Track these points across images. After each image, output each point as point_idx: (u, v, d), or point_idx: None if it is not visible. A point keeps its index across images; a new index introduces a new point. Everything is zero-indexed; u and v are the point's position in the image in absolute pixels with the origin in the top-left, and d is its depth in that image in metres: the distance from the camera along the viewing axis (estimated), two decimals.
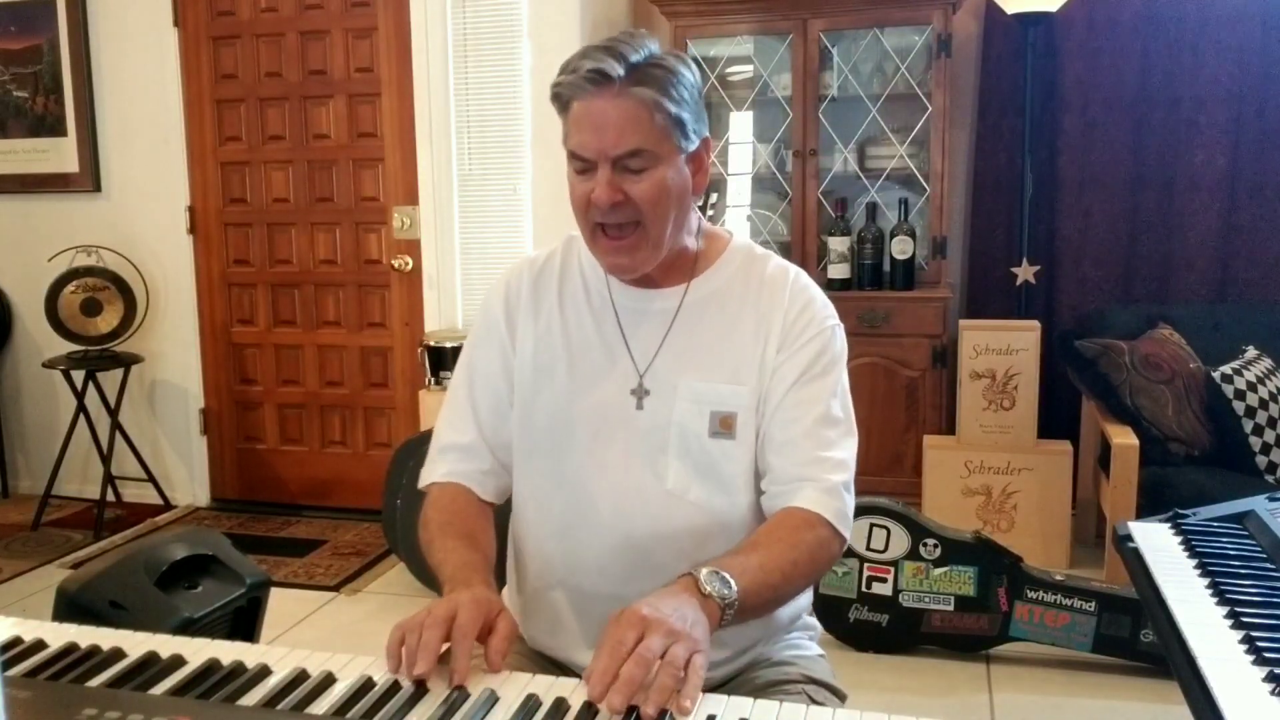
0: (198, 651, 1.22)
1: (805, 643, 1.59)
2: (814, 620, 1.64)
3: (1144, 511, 3.19)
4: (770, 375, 1.45)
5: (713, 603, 1.21)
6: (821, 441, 1.42)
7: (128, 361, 4.37)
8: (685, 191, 1.43)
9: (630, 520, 1.45)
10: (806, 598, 1.60)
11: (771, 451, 1.44)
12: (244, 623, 2.26)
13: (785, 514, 1.40)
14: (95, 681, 1.16)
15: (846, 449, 1.45)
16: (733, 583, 1.24)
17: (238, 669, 1.18)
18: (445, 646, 1.18)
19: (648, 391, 1.47)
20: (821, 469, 1.41)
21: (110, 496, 4.39)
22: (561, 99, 1.40)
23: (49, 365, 4.36)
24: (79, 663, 1.20)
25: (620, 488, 1.46)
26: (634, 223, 1.40)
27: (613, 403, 1.47)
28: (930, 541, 3.01)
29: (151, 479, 4.51)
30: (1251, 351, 3.52)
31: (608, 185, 1.37)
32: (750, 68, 4.17)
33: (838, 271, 3.98)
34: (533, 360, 1.52)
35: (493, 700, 1.13)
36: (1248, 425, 3.33)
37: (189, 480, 4.60)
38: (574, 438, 1.48)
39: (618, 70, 1.34)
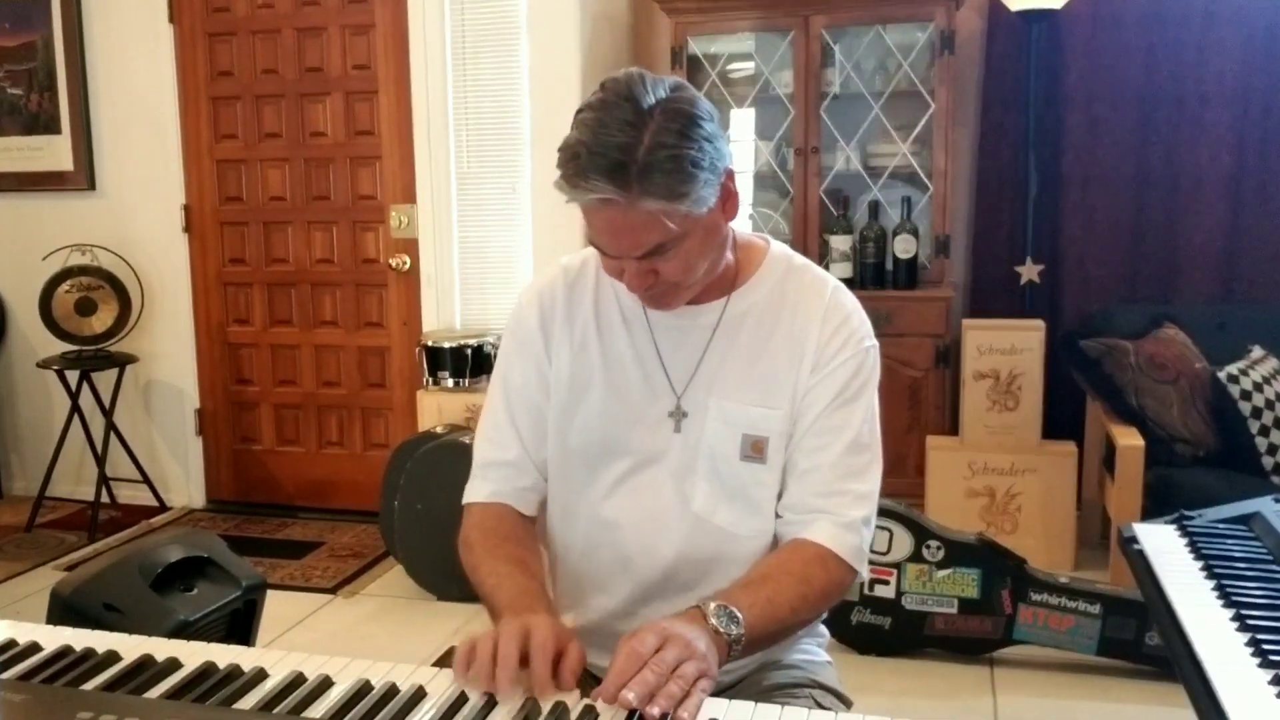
0: (193, 654, 1.21)
1: (814, 649, 1.58)
2: (823, 628, 1.63)
3: (1149, 513, 3.17)
4: (803, 398, 1.42)
5: (720, 637, 1.22)
6: (845, 472, 1.40)
7: (122, 361, 4.34)
8: (717, 234, 1.38)
9: (654, 540, 1.44)
10: None
11: (793, 478, 1.42)
12: (240, 625, 2.25)
13: (799, 545, 1.38)
14: (90, 685, 1.15)
15: (870, 480, 1.42)
16: (740, 618, 1.24)
17: (234, 672, 1.17)
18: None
19: (685, 414, 1.45)
20: (841, 502, 1.39)
21: (105, 498, 4.37)
22: None
23: (43, 365, 4.34)
24: (73, 666, 1.19)
25: (647, 507, 1.45)
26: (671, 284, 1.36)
27: (651, 425, 1.45)
28: (933, 543, 2.99)
29: (146, 480, 4.48)
30: (1257, 351, 3.51)
31: (637, 275, 1.33)
32: (751, 65, 4.16)
33: (840, 270, 3.96)
34: (569, 376, 1.49)
35: (492, 703, 1.12)
36: (1254, 426, 3.31)
37: (184, 481, 4.58)
38: (608, 458, 1.47)
39: (620, 191, 1.24)
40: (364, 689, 1.14)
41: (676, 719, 1.08)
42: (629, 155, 1.23)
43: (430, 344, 3.93)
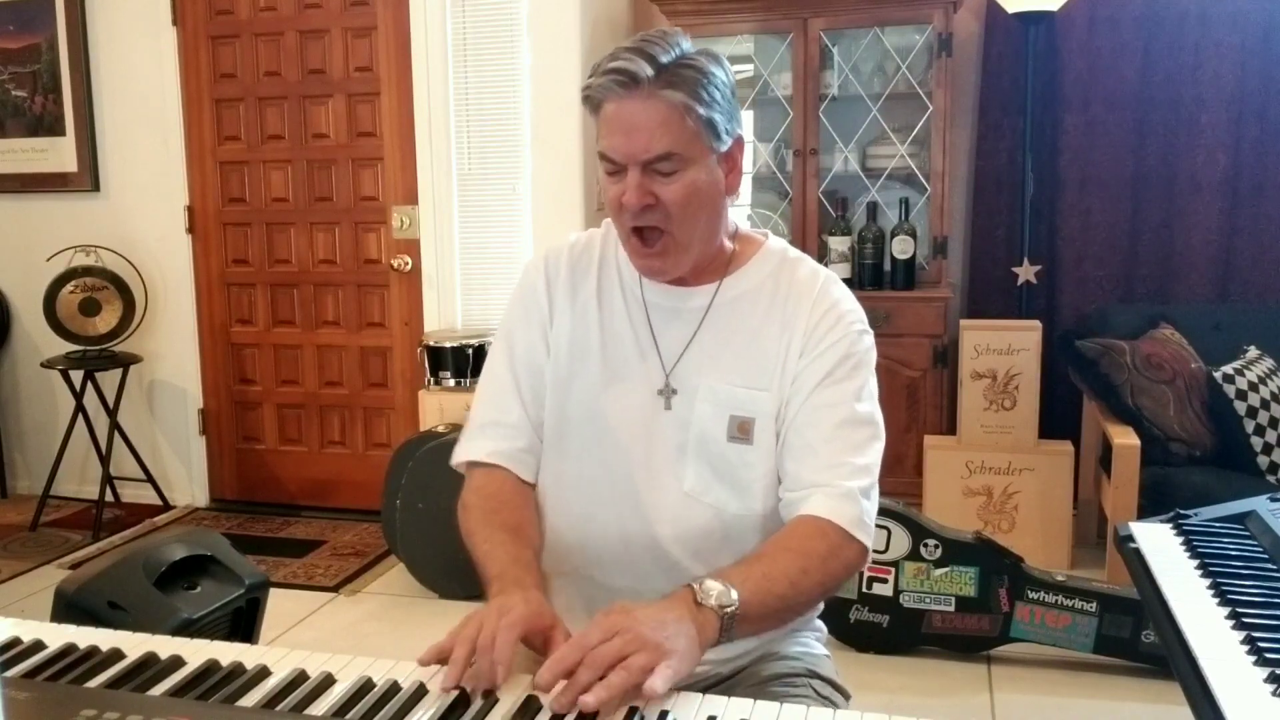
0: (197, 652, 1.21)
1: (813, 642, 1.59)
2: (820, 623, 1.64)
3: (1145, 512, 3.18)
4: (792, 382, 1.43)
5: (709, 613, 1.20)
6: (841, 446, 1.40)
7: (126, 361, 4.36)
8: (717, 192, 1.42)
9: (646, 518, 1.45)
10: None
11: (789, 457, 1.42)
12: (243, 623, 2.25)
13: (797, 522, 1.38)
14: (94, 682, 1.15)
15: (869, 454, 1.42)
16: (733, 592, 1.22)
17: (237, 670, 1.18)
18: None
19: (675, 391, 1.46)
20: (837, 475, 1.38)
21: (109, 497, 4.38)
22: (592, 100, 1.39)
23: (47, 365, 4.35)
24: (78, 663, 1.19)
25: (639, 486, 1.45)
26: (662, 229, 1.39)
27: (641, 401, 1.47)
28: (931, 542, 3.00)
29: (150, 479, 4.50)
30: (1253, 351, 3.52)
31: (637, 188, 1.36)
32: (750, 67, 4.17)
33: (838, 271, 3.97)
34: (569, 344, 1.51)
35: (493, 700, 1.12)
36: (1249, 425, 3.32)
37: (188, 480, 4.60)
38: (601, 432, 1.48)
39: (647, 71, 1.33)
40: (366, 686, 1.14)
41: (647, 690, 1.06)
42: (662, 54, 1.34)
43: (432, 344, 3.94)
